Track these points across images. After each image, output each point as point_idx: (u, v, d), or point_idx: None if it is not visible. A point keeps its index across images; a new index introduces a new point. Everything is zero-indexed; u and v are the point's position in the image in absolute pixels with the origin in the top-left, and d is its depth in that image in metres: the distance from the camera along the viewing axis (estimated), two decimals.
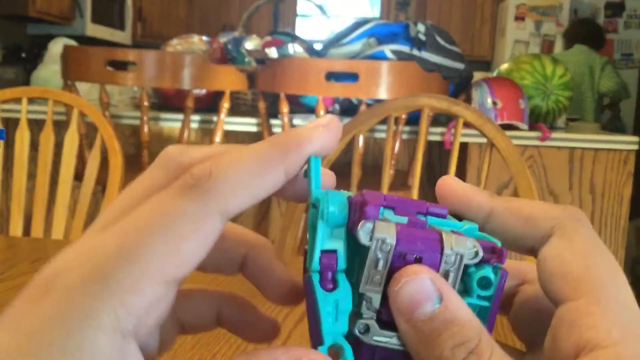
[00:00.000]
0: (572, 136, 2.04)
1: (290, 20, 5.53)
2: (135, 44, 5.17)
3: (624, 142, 2.01)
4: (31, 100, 1.64)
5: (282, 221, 1.22)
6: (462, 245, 0.23)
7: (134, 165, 1.91)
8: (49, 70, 2.39)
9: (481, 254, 0.23)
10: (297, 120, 2.06)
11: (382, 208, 0.24)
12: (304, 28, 5.60)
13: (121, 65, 1.91)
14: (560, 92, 2.17)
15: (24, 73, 3.66)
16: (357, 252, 0.23)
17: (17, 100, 1.52)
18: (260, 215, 2.41)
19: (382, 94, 1.77)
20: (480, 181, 1.26)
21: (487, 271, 0.23)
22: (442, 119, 2.19)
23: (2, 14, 3.96)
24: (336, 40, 2.20)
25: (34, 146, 1.48)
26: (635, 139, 2.01)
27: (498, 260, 0.23)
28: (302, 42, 2.31)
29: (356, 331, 0.23)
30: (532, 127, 2.09)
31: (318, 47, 2.29)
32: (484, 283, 0.23)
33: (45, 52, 2.55)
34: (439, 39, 2.12)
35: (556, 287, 0.23)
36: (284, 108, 1.84)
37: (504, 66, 2.31)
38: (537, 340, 0.25)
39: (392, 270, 0.23)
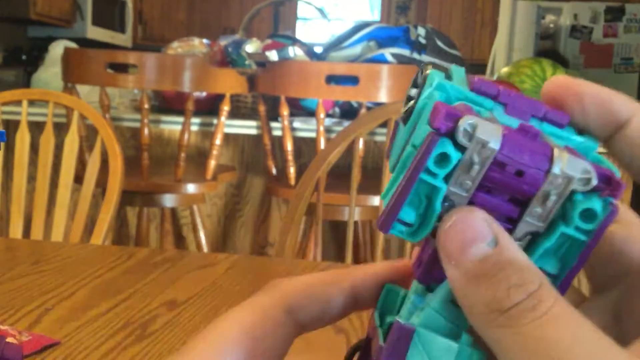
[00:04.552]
0: None
1: (291, 24, 5.54)
2: (135, 47, 5.17)
3: None
4: (31, 103, 1.64)
5: (282, 224, 1.22)
6: (574, 169, 0.19)
7: (134, 168, 1.92)
8: (50, 72, 2.39)
9: (594, 182, 0.20)
10: (297, 123, 2.07)
11: (492, 102, 0.21)
12: (304, 31, 5.61)
13: (122, 68, 1.91)
14: None
15: (25, 75, 3.67)
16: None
17: (18, 103, 1.52)
18: (260, 219, 2.41)
19: (383, 97, 1.77)
20: None
21: (596, 203, 0.20)
22: None
23: (2, 16, 3.96)
24: (336, 44, 2.20)
25: (34, 148, 1.48)
26: None
27: (611, 194, 0.20)
28: (303, 45, 2.31)
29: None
30: None
31: (318, 50, 2.30)
32: (589, 215, 0.20)
33: (46, 54, 2.56)
34: (439, 43, 2.12)
35: None
36: (284, 111, 1.84)
37: (504, 70, 2.32)
38: (608, 284, 0.23)
39: (485, 180, 0.20)
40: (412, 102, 0.22)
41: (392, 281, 0.25)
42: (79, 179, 1.50)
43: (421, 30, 2.10)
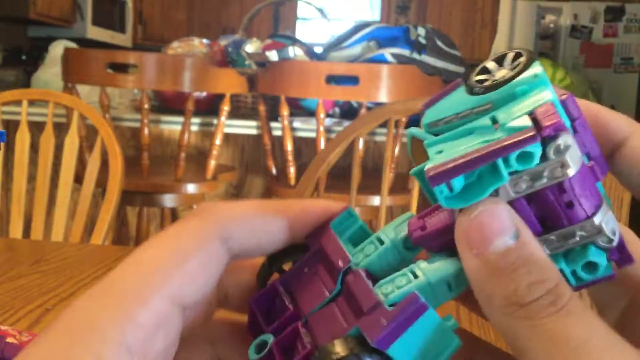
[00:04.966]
0: None
1: (291, 24, 5.54)
2: (135, 47, 5.17)
3: None
4: (31, 103, 1.64)
5: None
6: (608, 225, 0.20)
7: (134, 168, 1.92)
8: (50, 72, 2.39)
9: (614, 245, 0.21)
10: (297, 123, 2.07)
11: (570, 123, 0.21)
12: (304, 31, 5.61)
13: (121, 68, 1.91)
14: None
15: (25, 75, 3.66)
16: None
17: (18, 103, 1.52)
18: None
19: (383, 97, 1.77)
20: None
21: (603, 261, 0.21)
22: None
23: (2, 16, 3.96)
24: (336, 44, 2.20)
25: (34, 148, 1.48)
26: None
27: (620, 261, 0.21)
28: (303, 45, 2.31)
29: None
30: None
31: (318, 50, 2.30)
32: (591, 267, 0.21)
33: (46, 54, 2.56)
34: (439, 43, 2.12)
35: None
36: (284, 111, 1.84)
37: None
38: (610, 302, 0.24)
39: (537, 195, 0.20)
40: (486, 75, 0.22)
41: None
42: (79, 179, 1.51)
43: (421, 30, 2.10)
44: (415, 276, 0.22)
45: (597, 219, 0.20)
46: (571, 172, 0.20)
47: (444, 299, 0.22)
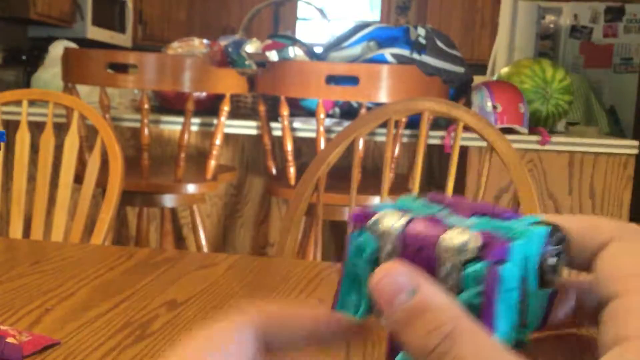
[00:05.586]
0: (572, 140, 2.04)
1: (291, 24, 5.54)
2: (135, 47, 5.17)
3: (624, 146, 2.01)
4: (32, 103, 1.64)
5: (281, 224, 1.22)
6: (459, 240, 0.23)
7: (134, 168, 1.92)
8: (50, 72, 2.39)
9: (475, 248, 0.23)
10: (297, 124, 2.07)
11: (441, 208, 0.25)
12: (304, 31, 5.61)
13: (122, 68, 1.91)
14: (560, 96, 2.17)
15: (25, 75, 3.67)
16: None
17: (18, 103, 1.52)
18: (260, 219, 2.41)
19: (382, 97, 1.77)
20: (480, 185, 1.26)
21: (478, 266, 0.23)
22: (442, 123, 2.20)
23: (2, 16, 3.96)
24: (336, 44, 2.20)
25: (34, 148, 1.48)
26: (635, 143, 2.01)
27: (489, 257, 0.23)
28: (303, 45, 2.31)
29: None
30: (532, 131, 2.10)
31: (318, 50, 2.30)
32: (475, 278, 0.23)
33: (46, 54, 2.55)
34: (439, 43, 2.12)
35: (606, 285, 0.23)
36: (284, 111, 1.84)
37: (504, 70, 2.32)
38: None
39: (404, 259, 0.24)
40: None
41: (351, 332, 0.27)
42: (79, 179, 1.51)
43: (421, 31, 2.10)
44: None
45: (441, 242, 0.23)
46: (395, 229, 0.24)
47: None
